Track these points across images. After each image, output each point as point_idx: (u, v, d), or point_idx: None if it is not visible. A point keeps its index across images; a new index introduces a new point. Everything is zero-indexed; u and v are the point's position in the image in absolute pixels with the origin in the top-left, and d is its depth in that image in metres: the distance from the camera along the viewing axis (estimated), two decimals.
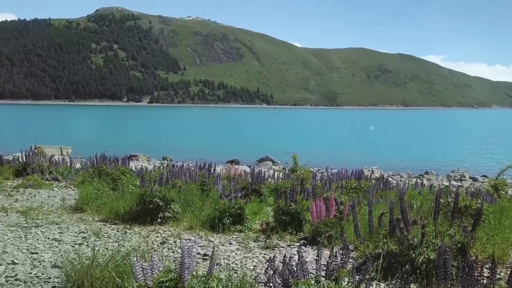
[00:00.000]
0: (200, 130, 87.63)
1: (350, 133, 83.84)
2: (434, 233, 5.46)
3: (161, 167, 14.64)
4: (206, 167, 10.92)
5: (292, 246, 6.82)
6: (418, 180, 27.60)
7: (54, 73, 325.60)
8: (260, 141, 60.98)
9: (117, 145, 51.24)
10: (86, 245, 6.58)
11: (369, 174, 11.42)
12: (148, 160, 40.66)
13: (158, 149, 47.43)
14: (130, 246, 6.47)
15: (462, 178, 30.45)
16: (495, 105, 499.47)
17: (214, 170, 11.06)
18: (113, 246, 6.51)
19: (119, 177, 10.37)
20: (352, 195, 10.36)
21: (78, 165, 17.63)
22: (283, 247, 6.72)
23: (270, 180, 13.23)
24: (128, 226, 7.75)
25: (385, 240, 5.60)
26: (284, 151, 47.53)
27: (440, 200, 5.81)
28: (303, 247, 6.80)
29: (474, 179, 29.80)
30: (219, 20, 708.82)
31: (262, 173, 10.96)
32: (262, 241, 6.97)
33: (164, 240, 6.95)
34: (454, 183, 25.42)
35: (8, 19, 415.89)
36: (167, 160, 41.73)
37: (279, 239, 7.17)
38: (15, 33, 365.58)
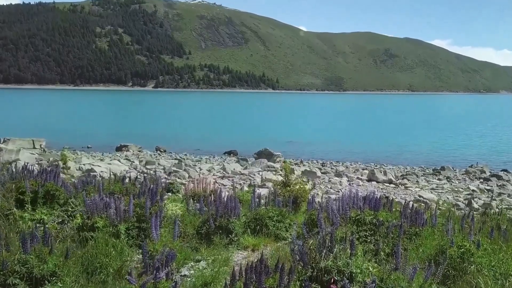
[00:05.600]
0: (202, 117, 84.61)
1: (356, 121, 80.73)
2: None
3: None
4: (149, 191, 7.03)
5: None
6: (434, 182, 24.18)
7: (59, 58, 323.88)
8: (263, 129, 58.47)
9: (112, 133, 48.51)
10: None
11: (389, 200, 7.85)
12: (139, 151, 37.35)
13: (154, 137, 44.68)
14: None
15: (483, 174, 27.95)
16: (503, 90, 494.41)
17: (161, 197, 7.16)
18: None
19: (10, 211, 6.48)
20: (366, 235, 6.84)
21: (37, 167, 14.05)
22: None
23: (253, 194, 9.58)
24: None
25: None
26: (287, 140, 44.75)
27: None
28: None
29: (498, 177, 26.87)
30: (224, 4, 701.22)
31: (233, 201, 7.33)
32: None
33: None
34: (480, 185, 21.85)
35: (13, 3, 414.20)
36: (160, 151, 38.45)
37: None
38: (19, 17, 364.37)
